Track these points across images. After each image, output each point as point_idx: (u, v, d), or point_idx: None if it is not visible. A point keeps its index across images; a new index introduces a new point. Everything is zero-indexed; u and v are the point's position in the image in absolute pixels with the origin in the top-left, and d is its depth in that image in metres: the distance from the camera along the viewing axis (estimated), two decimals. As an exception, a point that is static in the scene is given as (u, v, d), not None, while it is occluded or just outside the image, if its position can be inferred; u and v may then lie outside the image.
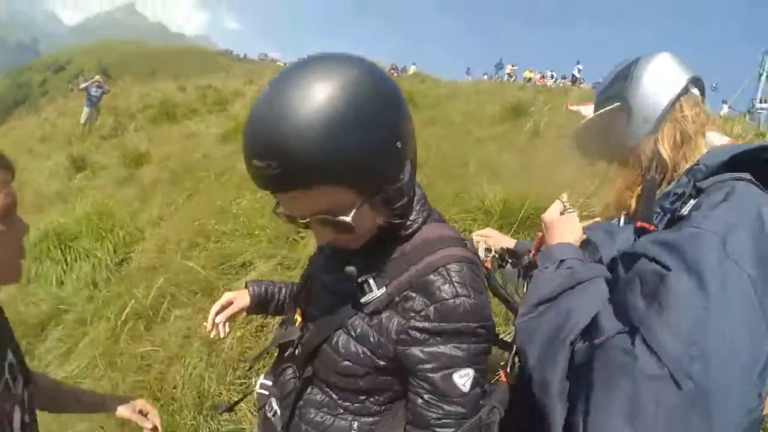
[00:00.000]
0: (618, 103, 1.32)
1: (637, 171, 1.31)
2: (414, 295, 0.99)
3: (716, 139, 1.26)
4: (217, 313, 1.42)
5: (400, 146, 0.90)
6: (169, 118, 14.05)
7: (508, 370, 1.27)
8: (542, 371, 0.98)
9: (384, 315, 1.02)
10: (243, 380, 3.26)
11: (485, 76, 32.82)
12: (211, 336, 1.44)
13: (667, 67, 1.30)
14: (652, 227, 1.12)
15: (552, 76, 34.24)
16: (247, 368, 2.99)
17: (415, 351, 0.98)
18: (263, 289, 1.52)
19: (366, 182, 0.88)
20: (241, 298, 1.48)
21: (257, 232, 4.76)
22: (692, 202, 1.05)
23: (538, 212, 4.04)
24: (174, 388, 3.26)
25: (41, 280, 4.96)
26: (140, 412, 1.48)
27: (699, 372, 0.79)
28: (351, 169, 0.83)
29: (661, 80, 1.28)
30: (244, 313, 1.51)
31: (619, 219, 1.35)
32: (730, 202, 1.00)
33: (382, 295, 1.02)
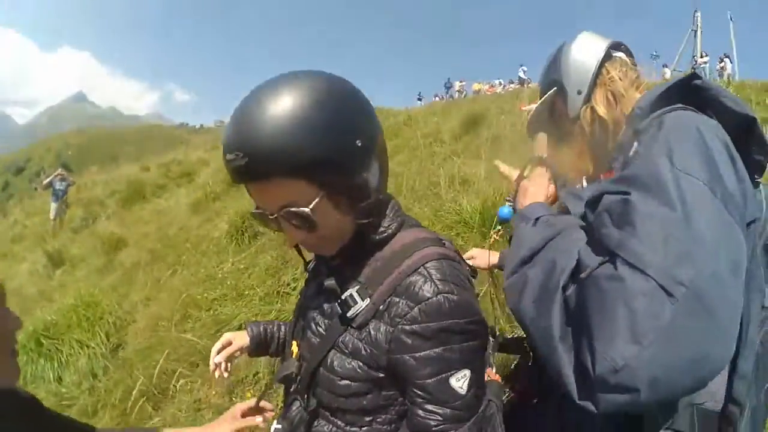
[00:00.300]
0: (554, 88, 1.45)
1: (584, 138, 1.40)
2: (397, 299, 1.00)
3: None
4: (218, 353, 1.45)
5: (360, 144, 0.95)
6: (139, 199, 14.01)
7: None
8: (540, 323, 0.93)
9: (371, 326, 1.02)
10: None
11: (436, 98, 33.39)
12: (216, 376, 1.45)
13: (586, 42, 1.42)
14: (611, 174, 1.14)
15: (500, 83, 34.86)
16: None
17: (407, 358, 0.98)
18: (262, 329, 1.53)
19: (323, 176, 0.93)
20: (241, 338, 1.50)
21: (247, 293, 4.80)
22: (635, 144, 1.09)
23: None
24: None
25: (38, 380, 4.85)
26: (243, 415, 1.42)
27: (686, 274, 0.78)
28: (307, 161, 0.89)
29: (582, 54, 1.40)
30: (246, 355, 1.52)
31: (581, 184, 1.44)
32: (666, 127, 1.05)
33: (367, 305, 1.02)
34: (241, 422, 1.39)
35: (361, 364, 1.03)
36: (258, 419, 1.40)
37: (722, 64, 25.49)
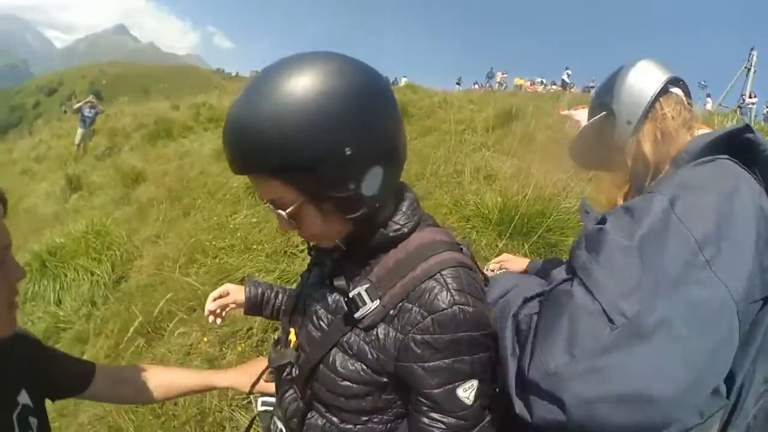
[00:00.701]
0: (604, 112, 1.40)
1: (625, 170, 1.36)
2: (410, 306, 0.95)
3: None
4: (214, 300, 1.50)
5: (349, 153, 0.86)
6: (164, 137, 14.05)
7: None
8: (502, 345, 0.98)
9: (380, 329, 0.97)
10: (245, 396, 3.24)
11: (476, 86, 32.92)
12: (209, 321, 1.50)
13: (645, 71, 1.38)
14: None
15: (542, 83, 34.32)
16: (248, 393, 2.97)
17: (416, 368, 0.94)
18: (260, 291, 1.53)
19: (302, 183, 0.88)
20: (238, 292, 1.52)
21: (255, 247, 4.74)
22: None
23: (533, 218, 4.07)
24: (175, 404, 3.22)
25: (39, 299, 4.93)
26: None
27: (631, 308, 0.82)
28: (283, 165, 0.86)
29: (639, 84, 1.35)
30: (241, 311, 1.54)
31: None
32: (694, 171, 1.06)
33: (376, 307, 0.97)
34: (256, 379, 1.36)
35: (365, 366, 0.99)
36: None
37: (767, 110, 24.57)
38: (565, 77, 31.98)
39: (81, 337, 4.29)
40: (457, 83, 35.09)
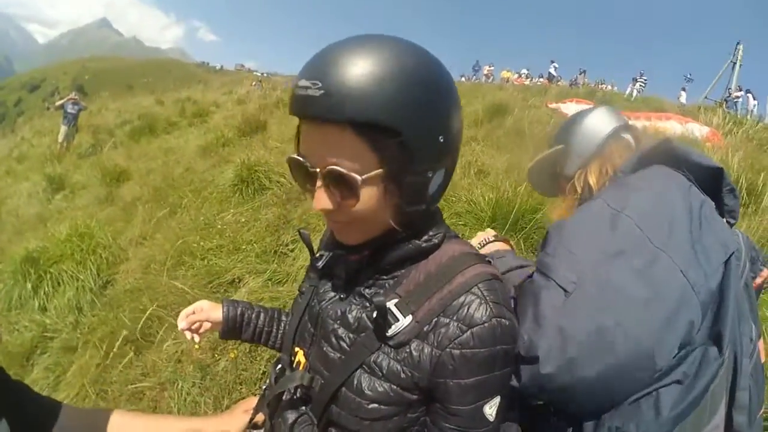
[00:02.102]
0: (562, 145, 1.62)
1: (575, 196, 1.57)
2: (447, 320, 0.90)
3: (696, 129, 1.60)
4: (187, 317, 1.36)
5: (442, 141, 0.85)
6: (148, 133, 13.82)
7: None
8: None
9: (413, 346, 0.91)
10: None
11: (462, 78, 32.88)
12: (188, 337, 1.36)
13: (601, 118, 1.59)
14: None
15: (528, 75, 34.36)
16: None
17: (452, 384, 0.89)
18: (239, 311, 1.40)
19: (391, 151, 0.81)
20: (213, 309, 1.38)
21: (244, 247, 4.63)
22: None
23: (527, 213, 3.99)
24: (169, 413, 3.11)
25: (24, 307, 4.76)
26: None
27: (575, 274, 1.06)
28: (384, 127, 0.78)
29: (594, 126, 1.57)
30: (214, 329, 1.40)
31: None
32: (629, 178, 1.33)
33: (410, 324, 0.91)
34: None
35: (394, 386, 0.92)
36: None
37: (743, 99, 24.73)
38: (551, 70, 32.07)
39: (69, 346, 4.12)
40: (444, 74, 35.21)
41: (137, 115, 16.40)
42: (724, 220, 1.28)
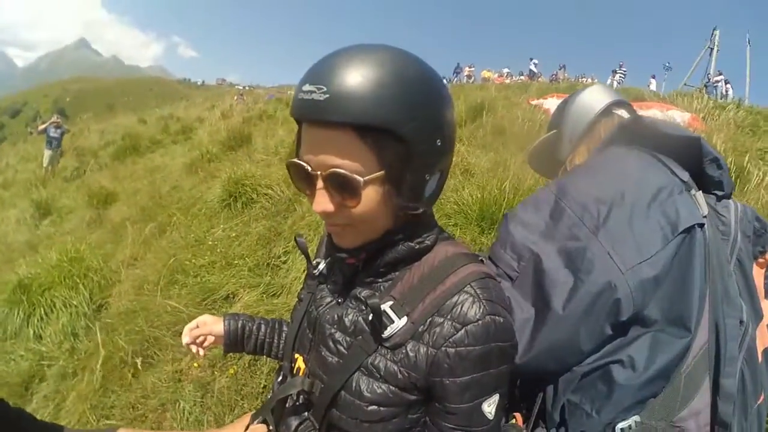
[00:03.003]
0: (555, 130, 1.64)
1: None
2: (441, 320, 0.91)
3: (677, 115, 1.61)
4: (191, 331, 1.38)
5: (439, 144, 0.88)
6: (133, 153, 13.69)
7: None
8: None
9: (409, 347, 0.92)
10: (243, 421, 3.11)
11: (444, 80, 33.04)
12: (194, 351, 1.39)
13: (591, 97, 1.58)
14: None
15: (508, 74, 34.47)
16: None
17: (448, 383, 0.90)
18: (240, 325, 1.41)
19: (391, 153, 0.83)
20: (215, 323, 1.40)
21: (236, 262, 4.58)
22: None
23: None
24: (167, 434, 3.08)
25: (18, 336, 4.67)
26: None
27: (517, 256, 1.22)
28: (386, 130, 0.80)
29: (582, 108, 1.56)
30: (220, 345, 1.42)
31: None
32: (587, 161, 1.43)
33: (405, 325, 0.92)
34: None
35: (392, 387, 0.93)
36: None
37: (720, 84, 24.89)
38: (532, 67, 32.27)
39: (66, 373, 4.05)
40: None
41: (120, 135, 16.23)
42: (704, 193, 1.24)
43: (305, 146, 0.89)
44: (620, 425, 1.04)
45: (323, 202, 0.88)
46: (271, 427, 1.16)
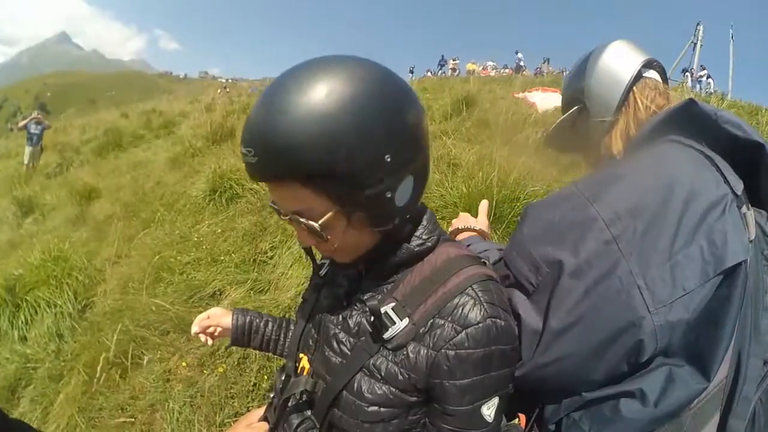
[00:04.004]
0: (577, 106, 1.34)
1: (599, 161, 1.34)
2: (442, 321, 0.89)
3: None
4: (201, 322, 1.40)
5: (389, 160, 0.82)
6: (116, 148, 13.45)
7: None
8: None
9: (410, 348, 0.91)
10: (234, 418, 3.04)
11: (429, 73, 32.76)
12: (203, 340, 1.41)
13: (618, 57, 1.29)
14: None
15: (493, 66, 34.36)
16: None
17: (448, 385, 0.89)
18: (248, 320, 1.42)
19: (340, 190, 0.82)
20: (224, 316, 1.42)
21: (222, 258, 4.50)
22: None
23: (501, 204, 3.95)
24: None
25: (3, 338, 4.54)
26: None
27: (534, 270, 1.04)
28: (322, 172, 0.79)
29: (611, 75, 1.28)
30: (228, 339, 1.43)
31: None
32: (627, 159, 1.19)
33: (406, 326, 0.91)
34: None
35: (393, 389, 0.92)
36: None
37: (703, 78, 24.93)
38: (518, 60, 32.26)
39: (53, 375, 3.95)
40: (411, 71, 34.65)
41: (102, 130, 15.91)
42: (756, 211, 1.03)
43: (270, 194, 0.91)
44: None
45: (302, 238, 0.94)
46: (271, 425, 1.15)
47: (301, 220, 0.87)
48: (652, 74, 1.30)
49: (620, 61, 1.29)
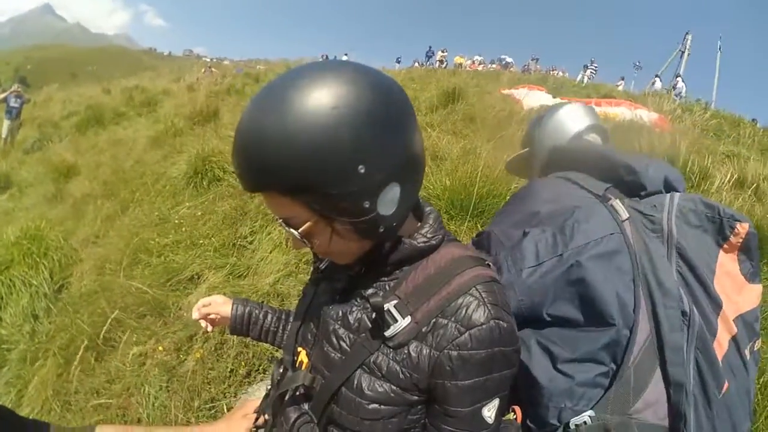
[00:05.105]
0: (528, 148, 1.65)
1: None
2: (445, 321, 0.88)
3: (645, 115, 1.65)
4: (201, 308, 1.41)
5: (363, 171, 0.79)
6: (96, 124, 13.10)
7: None
8: None
9: (411, 347, 0.90)
10: (211, 404, 3.00)
11: (416, 64, 32.54)
12: (203, 326, 1.42)
13: (563, 120, 1.57)
14: None
15: (482, 62, 34.24)
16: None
17: (449, 386, 0.88)
18: (247, 310, 1.42)
19: (314, 202, 0.82)
20: (224, 304, 1.42)
21: (202, 242, 4.40)
22: None
23: (484, 198, 3.92)
24: (138, 421, 2.94)
25: (-23, 319, 4.41)
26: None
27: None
28: (293, 185, 0.79)
29: (555, 131, 1.56)
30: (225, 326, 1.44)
31: None
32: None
33: (408, 324, 0.90)
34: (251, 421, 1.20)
35: (395, 387, 0.91)
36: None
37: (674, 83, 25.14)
38: (506, 57, 32.30)
39: (27, 357, 3.84)
40: (398, 61, 34.43)
41: (84, 106, 15.48)
42: (631, 200, 1.29)
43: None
44: (574, 420, 1.07)
45: (293, 243, 0.94)
46: (268, 418, 1.14)
47: (285, 226, 0.89)
48: (593, 137, 1.55)
49: (564, 124, 1.56)
